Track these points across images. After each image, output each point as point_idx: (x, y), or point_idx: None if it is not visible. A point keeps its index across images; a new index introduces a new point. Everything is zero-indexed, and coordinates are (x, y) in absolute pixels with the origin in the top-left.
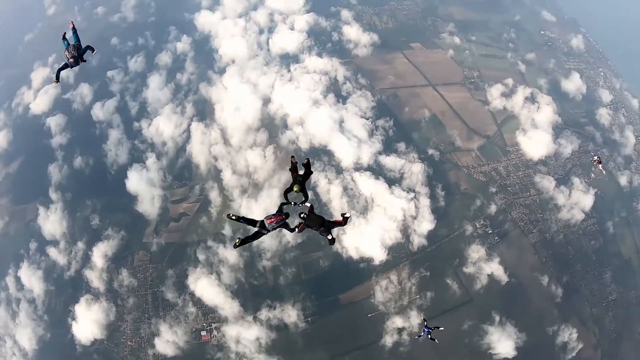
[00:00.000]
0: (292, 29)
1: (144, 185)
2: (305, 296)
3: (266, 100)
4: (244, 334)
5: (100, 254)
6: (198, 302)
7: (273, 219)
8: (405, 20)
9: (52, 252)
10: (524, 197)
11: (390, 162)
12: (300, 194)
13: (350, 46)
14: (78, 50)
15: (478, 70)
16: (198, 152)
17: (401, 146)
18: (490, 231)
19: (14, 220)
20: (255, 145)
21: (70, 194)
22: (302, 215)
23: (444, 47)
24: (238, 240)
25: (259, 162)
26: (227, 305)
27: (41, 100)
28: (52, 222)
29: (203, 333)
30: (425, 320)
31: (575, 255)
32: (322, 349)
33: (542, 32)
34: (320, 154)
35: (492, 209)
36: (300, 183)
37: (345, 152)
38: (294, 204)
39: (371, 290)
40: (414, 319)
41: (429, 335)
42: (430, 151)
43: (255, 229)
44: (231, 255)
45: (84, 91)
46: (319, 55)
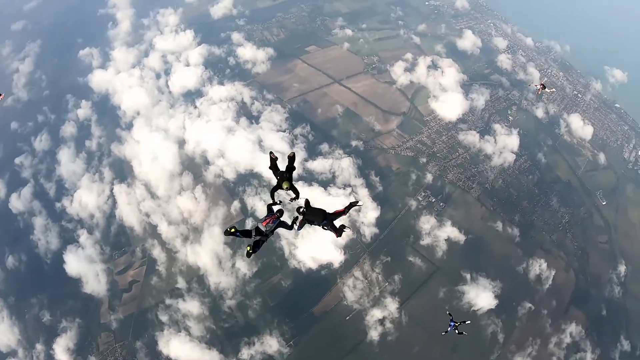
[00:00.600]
0: (187, 65)
1: (84, 265)
2: (280, 321)
3: (181, 142)
4: None
5: (62, 349)
6: None
7: (268, 220)
8: (295, 27)
9: None
10: (454, 158)
11: (319, 165)
12: (283, 194)
13: (248, 66)
14: None
15: (377, 55)
16: (128, 214)
17: (324, 147)
18: (433, 200)
19: None
20: (182, 190)
21: (12, 297)
22: (301, 210)
23: (338, 42)
24: (249, 248)
25: (192, 206)
26: (206, 357)
27: None
28: (3, 333)
29: None
30: (450, 314)
31: (519, 194)
32: None
33: (426, 2)
34: (249, 179)
35: (429, 178)
36: (287, 179)
37: None
38: (280, 202)
39: (340, 293)
40: (391, 306)
41: (456, 330)
42: (354, 143)
43: (255, 238)
44: (193, 307)
45: None
46: (221, 83)
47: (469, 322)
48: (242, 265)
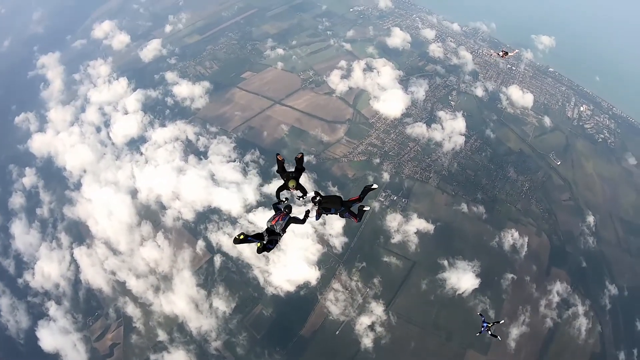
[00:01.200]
0: (126, 113)
1: (59, 338)
2: (270, 351)
3: (133, 192)
4: None
5: None
6: None
7: (277, 218)
8: (227, 56)
9: None
10: (406, 153)
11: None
12: (289, 193)
13: (187, 103)
14: None
15: (312, 69)
16: (93, 276)
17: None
18: (395, 197)
19: None
20: (144, 240)
21: None
22: (317, 200)
23: (272, 63)
24: (259, 244)
25: (156, 254)
26: None
27: None
28: None
29: None
30: (481, 315)
31: (476, 173)
32: None
33: (351, 9)
34: (209, 215)
35: (386, 177)
36: (295, 179)
37: (230, 201)
38: (286, 199)
39: (324, 309)
40: (377, 310)
41: (489, 332)
42: (305, 159)
43: (266, 239)
44: (179, 357)
45: None
46: (163, 125)
47: (503, 321)
48: (220, 303)
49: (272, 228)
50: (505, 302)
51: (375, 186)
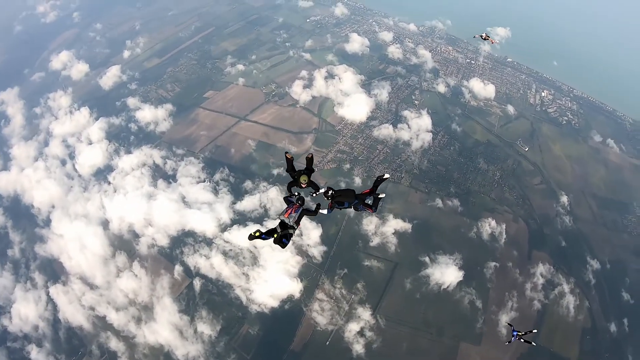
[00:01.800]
0: (90, 143)
1: None
2: None
3: (105, 223)
4: None
5: None
6: None
7: (290, 211)
8: (188, 77)
9: None
10: (376, 156)
11: (248, 204)
12: (300, 190)
13: (152, 128)
14: None
15: (273, 82)
16: (72, 313)
17: (248, 184)
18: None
19: None
20: (120, 271)
21: None
22: (331, 193)
23: (233, 80)
24: (276, 236)
25: (134, 285)
26: None
27: None
28: None
29: None
30: (511, 324)
31: (447, 168)
32: None
33: (307, 20)
34: (183, 239)
35: (358, 182)
36: (307, 174)
37: (203, 223)
38: (297, 193)
39: (311, 321)
40: (365, 314)
41: (521, 340)
42: (275, 172)
43: (279, 234)
44: None
45: None
46: (128, 152)
47: (535, 331)
48: (205, 327)
49: (285, 221)
50: (490, 290)
51: (387, 176)
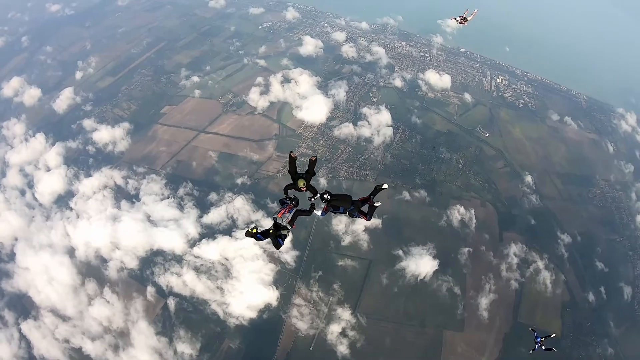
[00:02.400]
0: (48, 170)
1: None
2: None
3: (71, 251)
4: None
5: None
6: None
7: (283, 211)
8: (143, 94)
9: None
10: (339, 156)
11: (215, 216)
12: (298, 193)
13: (110, 148)
14: None
15: (230, 91)
16: (47, 348)
17: (213, 197)
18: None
19: None
20: (91, 299)
21: None
22: (326, 197)
23: (189, 93)
24: (272, 232)
25: (107, 311)
26: None
27: None
28: None
29: None
30: (533, 330)
31: (411, 160)
32: None
33: (260, 27)
34: (153, 259)
35: (323, 183)
36: (305, 179)
37: (171, 240)
38: (293, 196)
39: (292, 328)
40: (345, 314)
41: (542, 347)
42: (239, 181)
43: (274, 235)
44: None
45: None
46: (88, 175)
47: (555, 335)
48: (184, 347)
49: (279, 222)
50: (467, 275)
51: (385, 186)
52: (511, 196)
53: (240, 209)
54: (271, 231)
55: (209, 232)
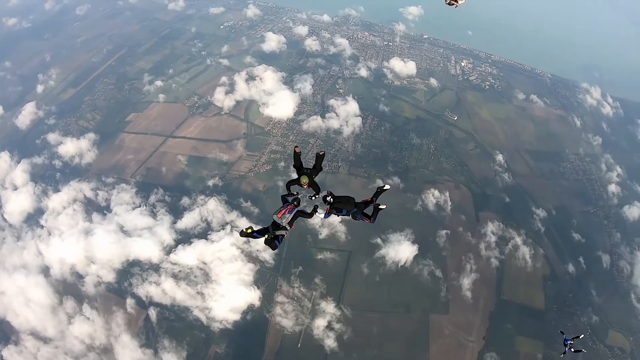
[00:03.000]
0: (15, 188)
1: None
2: None
3: (45, 270)
4: None
5: None
6: None
7: (283, 211)
8: (107, 103)
9: None
10: (310, 149)
11: (189, 221)
12: (301, 189)
13: (77, 161)
14: None
15: (195, 94)
16: None
17: (185, 201)
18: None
19: None
20: (70, 317)
21: None
22: (329, 200)
23: (153, 98)
24: (267, 236)
25: (88, 328)
26: None
27: None
28: None
29: None
30: (562, 332)
31: (382, 149)
32: None
33: (221, 26)
34: (129, 269)
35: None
36: (308, 175)
37: (147, 249)
38: (296, 193)
39: (277, 326)
40: (329, 308)
41: (572, 349)
42: (211, 183)
43: (272, 235)
44: None
45: None
46: (57, 190)
47: (583, 336)
48: (170, 357)
49: (278, 222)
50: (447, 258)
51: (387, 187)
52: (484, 176)
53: (214, 211)
54: (270, 230)
55: (184, 238)
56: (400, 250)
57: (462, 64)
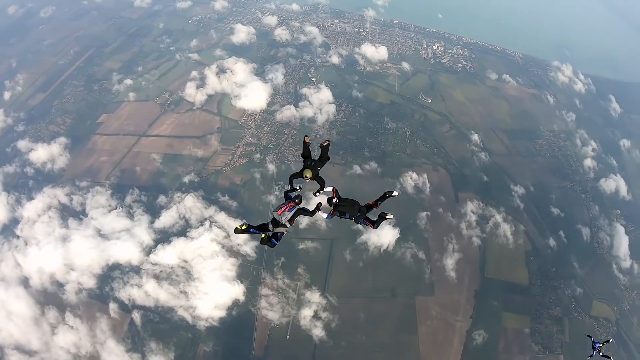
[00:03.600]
0: None
1: None
2: None
3: (25, 282)
4: None
5: None
6: None
7: (283, 208)
8: (77, 106)
9: None
10: (285, 140)
11: (167, 219)
12: (303, 182)
13: (49, 167)
14: None
15: (166, 90)
16: None
17: (162, 200)
18: (288, 186)
19: None
20: (54, 328)
21: None
22: (334, 201)
23: (124, 98)
24: (264, 235)
25: (73, 337)
26: None
27: None
28: None
29: None
30: (590, 336)
31: (358, 135)
32: None
33: (189, 21)
34: (110, 274)
35: (272, 169)
36: (312, 168)
37: (126, 251)
38: (299, 187)
39: (264, 320)
40: (314, 297)
41: (600, 353)
42: (187, 180)
43: (271, 232)
44: None
45: None
46: (30, 198)
47: (612, 340)
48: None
49: (278, 219)
50: (429, 239)
51: (395, 193)
52: (461, 157)
53: (192, 207)
54: (269, 227)
55: (163, 237)
56: (382, 234)
57: (434, 47)
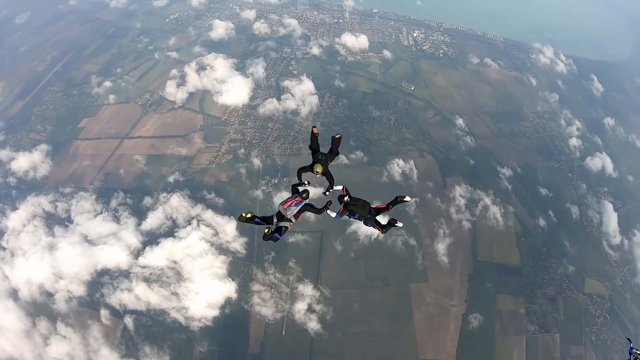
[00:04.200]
0: None
1: None
2: None
3: (14, 294)
4: None
5: None
6: None
7: (290, 202)
8: (57, 112)
9: None
10: (269, 134)
11: (153, 220)
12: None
13: (32, 175)
14: None
15: (146, 91)
16: None
17: (147, 201)
18: (275, 180)
19: None
20: (46, 338)
21: None
22: (345, 200)
23: (104, 101)
24: (267, 230)
25: (66, 347)
26: None
27: None
28: None
29: None
30: (629, 340)
31: (342, 125)
32: None
33: (167, 19)
34: (99, 280)
35: (258, 164)
36: (322, 162)
37: (114, 255)
38: (307, 182)
39: (258, 316)
40: (307, 290)
41: (637, 359)
42: (171, 179)
43: (275, 225)
44: None
45: None
46: (15, 208)
47: None
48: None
49: (283, 213)
50: (419, 225)
51: (407, 199)
52: (447, 142)
53: (178, 207)
54: (274, 221)
55: (151, 239)
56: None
57: (414, 34)
